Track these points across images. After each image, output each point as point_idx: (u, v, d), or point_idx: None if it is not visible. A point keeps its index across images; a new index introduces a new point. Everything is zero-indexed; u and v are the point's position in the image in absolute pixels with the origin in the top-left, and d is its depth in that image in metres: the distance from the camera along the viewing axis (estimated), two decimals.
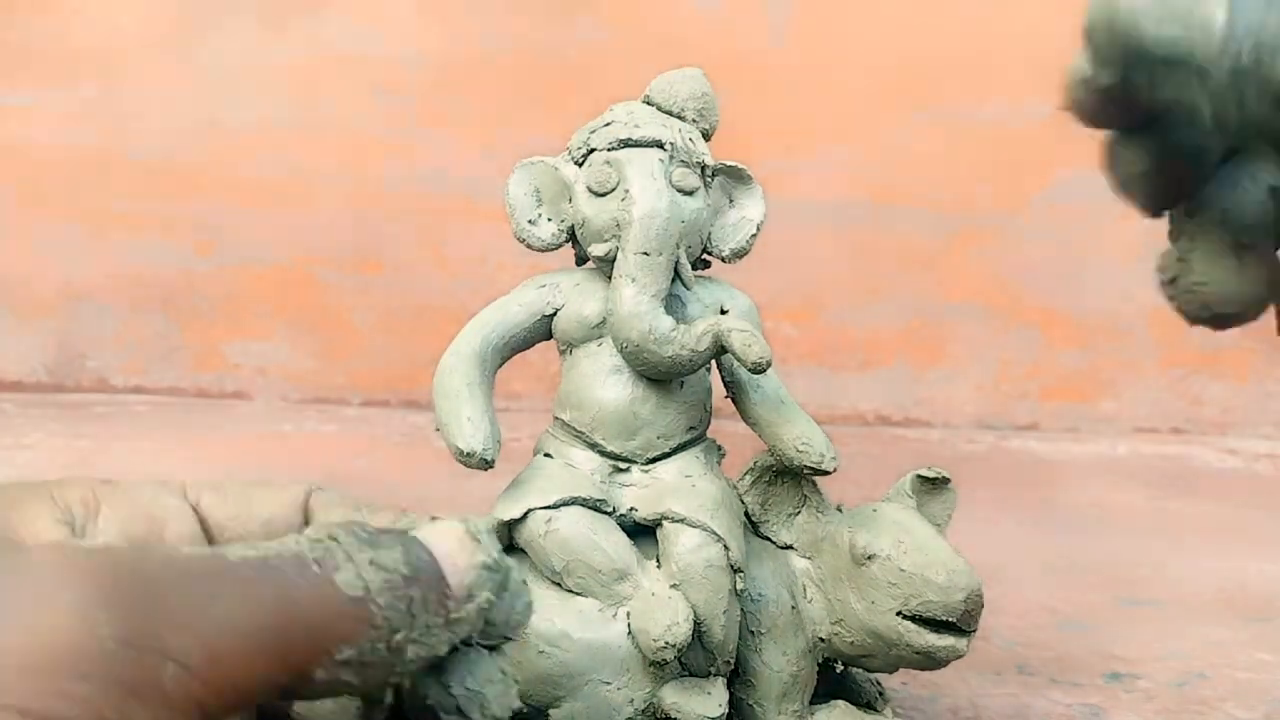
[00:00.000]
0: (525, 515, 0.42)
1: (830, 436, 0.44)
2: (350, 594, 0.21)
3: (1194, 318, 0.27)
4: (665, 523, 0.42)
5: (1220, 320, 0.26)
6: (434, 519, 0.25)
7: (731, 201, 0.47)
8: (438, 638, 0.22)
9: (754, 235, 0.47)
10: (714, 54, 1.21)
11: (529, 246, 0.46)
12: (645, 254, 0.43)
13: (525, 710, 0.42)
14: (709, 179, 0.46)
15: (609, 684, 0.41)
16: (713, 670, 0.42)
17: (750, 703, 0.44)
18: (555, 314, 0.46)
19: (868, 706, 0.47)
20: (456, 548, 0.23)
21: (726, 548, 0.41)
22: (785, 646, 0.44)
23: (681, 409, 0.45)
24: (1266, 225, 0.26)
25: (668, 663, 0.40)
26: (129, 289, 1.28)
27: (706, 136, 0.47)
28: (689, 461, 0.45)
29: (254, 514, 0.25)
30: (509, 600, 0.25)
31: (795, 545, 0.45)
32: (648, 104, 0.47)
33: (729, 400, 0.47)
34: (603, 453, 0.45)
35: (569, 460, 0.45)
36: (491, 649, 0.25)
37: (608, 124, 0.45)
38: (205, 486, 0.26)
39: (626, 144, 0.44)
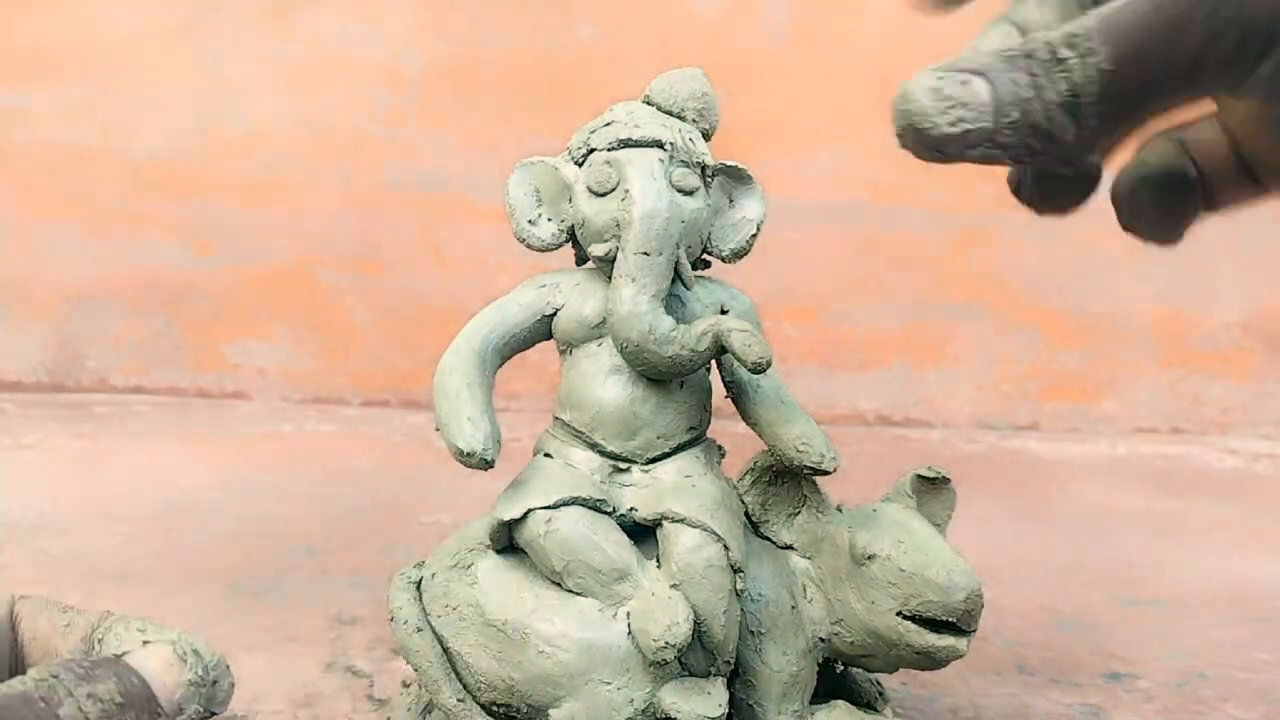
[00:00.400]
0: (525, 515, 0.42)
1: (830, 436, 0.44)
2: None
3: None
4: (665, 523, 0.42)
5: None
6: (145, 641, 0.28)
7: (731, 201, 0.47)
8: None
9: (754, 235, 0.47)
10: (714, 54, 1.22)
11: (529, 246, 0.46)
12: (645, 254, 0.43)
13: (525, 710, 0.42)
14: (709, 179, 0.46)
15: (609, 684, 0.41)
16: (713, 670, 0.42)
17: (750, 703, 0.44)
18: (555, 314, 0.46)
19: (868, 706, 0.47)
20: (164, 669, 0.27)
21: (726, 548, 0.41)
22: (785, 646, 0.44)
23: (681, 409, 0.45)
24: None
25: (668, 663, 0.40)
26: (129, 289, 1.28)
27: (706, 136, 0.47)
28: (689, 461, 0.45)
29: None
30: (220, 695, 0.29)
31: (795, 545, 0.45)
32: (648, 104, 0.47)
33: (729, 400, 0.47)
34: (603, 453, 0.45)
35: (569, 460, 0.45)
36: None
37: (608, 124, 0.45)
38: None
39: (626, 144, 0.44)
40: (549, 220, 0.46)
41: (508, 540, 0.43)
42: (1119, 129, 0.30)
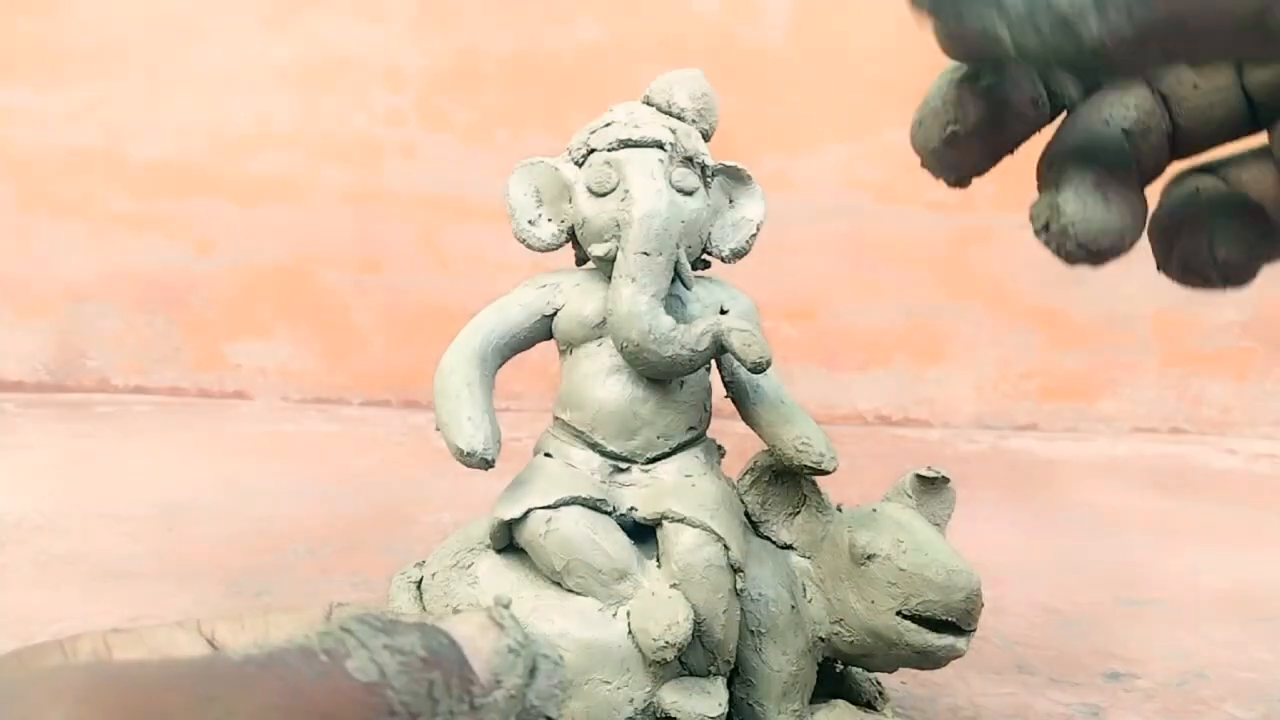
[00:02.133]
0: (525, 515, 0.42)
1: (830, 436, 0.44)
2: (363, 680, 0.20)
3: (1072, 257, 0.27)
4: (665, 522, 0.42)
5: (1097, 256, 0.27)
6: (454, 609, 0.24)
7: (731, 202, 0.47)
8: None
9: (754, 235, 0.47)
10: (714, 54, 1.22)
11: (529, 247, 0.47)
12: (645, 254, 0.43)
13: None
14: (709, 179, 0.46)
15: (609, 684, 0.41)
16: (713, 670, 0.42)
17: (750, 702, 0.44)
18: (555, 314, 0.46)
19: (868, 706, 0.47)
20: (477, 632, 0.23)
21: (726, 547, 0.41)
22: (785, 646, 0.44)
23: (681, 409, 0.45)
24: (1125, 162, 0.28)
25: (668, 662, 0.40)
26: (129, 289, 1.28)
27: (706, 137, 0.47)
28: (689, 461, 0.45)
29: (272, 641, 0.23)
30: (541, 681, 0.24)
31: (795, 545, 0.45)
32: (647, 104, 0.47)
33: (729, 400, 0.47)
34: (603, 452, 0.45)
35: (569, 460, 0.45)
36: None
37: (608, 124, 0.45)
38: (220, 619, 0.25)
39: (626, 144, 0.44)
40: (549, 220, 0.46)
41: (508, 540, 0.44)
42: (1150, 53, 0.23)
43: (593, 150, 0.45)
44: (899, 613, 0.41)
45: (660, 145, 0.44)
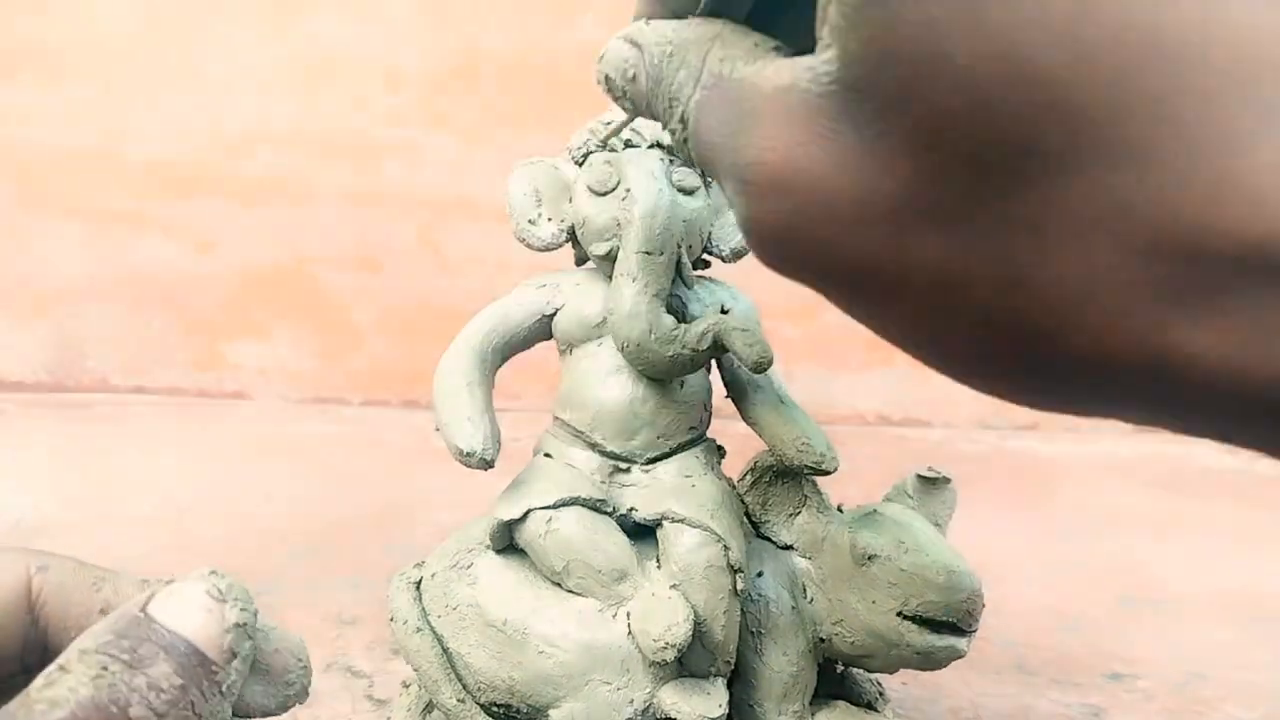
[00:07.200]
0: (525, 515, 0.42)
1: (830, 436, 0.44)
2: None
3: None
4: (665, 523, 0.42)
5: None
6: (169, 582, 0.25)
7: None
8: (221, 711, 0.23)
9: None
10: None
11: (529, 246, 0.46)
12: (647, 253, 0.43)
13: (525, 710, 0.42)
14: (709, 179, 0.46)
15: (609, 684, 0.41)
16: (713, 670, 0.42)
17: (750, 703, 0.44)
18: (555, 314, 0.46)
19: (868, 706, 0.47)
20: (206, 619, 0.23)
21: (726, 548, 0.41)
22: (785, 646, 0.44)
23: (681, 409, 0.45)
24: None
25: (668, 663, 0.40)
26: (128, 289, 1.28)
27: None
28: (689, 461, 0.45)
29: (63, 694, 0.22)
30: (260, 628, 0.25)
31: (795, 545, 0.45)
32: None
33: (729, 400, 0.47)
34: (603, 453, 0.45)
35: (569, 460, 0.45)
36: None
37: (608, 124, 0.45)
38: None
39: (627, 144, 0.44)
40: (549, 220, 0.46)
41: (508, 540, 0.43)
42: None
43: (593, 150, 0.45)
44: (900, 613, 0.41)
45: (661, 145, 0.44)
